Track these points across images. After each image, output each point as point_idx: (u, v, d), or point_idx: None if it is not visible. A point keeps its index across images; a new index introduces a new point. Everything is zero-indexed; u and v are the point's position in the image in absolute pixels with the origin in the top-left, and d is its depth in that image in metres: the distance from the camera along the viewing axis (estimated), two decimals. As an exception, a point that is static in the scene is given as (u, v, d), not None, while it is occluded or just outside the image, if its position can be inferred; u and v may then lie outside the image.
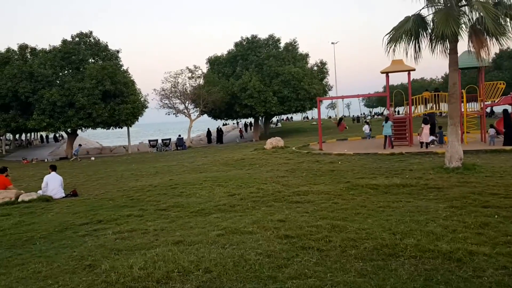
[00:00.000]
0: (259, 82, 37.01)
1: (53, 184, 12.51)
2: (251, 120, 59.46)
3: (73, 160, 29.64)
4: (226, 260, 5.25)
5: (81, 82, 30.99)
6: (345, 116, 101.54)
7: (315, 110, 45.44)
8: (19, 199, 11.57)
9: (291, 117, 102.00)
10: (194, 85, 38.04)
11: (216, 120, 45.98)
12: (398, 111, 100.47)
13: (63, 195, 12.51)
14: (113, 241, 6.77)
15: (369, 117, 76.35)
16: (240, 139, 46.11)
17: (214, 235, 6.59)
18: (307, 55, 42.54)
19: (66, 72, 32.72)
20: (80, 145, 35.46)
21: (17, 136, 61.66)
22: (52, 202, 11.60)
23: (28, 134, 68.30)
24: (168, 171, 18.16)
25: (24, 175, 21.92)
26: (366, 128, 23.32)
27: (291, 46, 41.54)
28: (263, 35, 42.45)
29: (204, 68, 42.33)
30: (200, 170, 17.48)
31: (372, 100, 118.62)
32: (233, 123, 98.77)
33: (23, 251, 6.59)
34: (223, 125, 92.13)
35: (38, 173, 22.39)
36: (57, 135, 71.37)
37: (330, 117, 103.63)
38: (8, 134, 52.75)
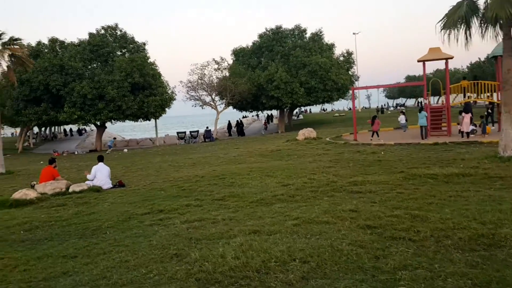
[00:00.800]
0: (286, 73, 36.66)
1: (101, 175, 12.52)
2: (271, 112, 59.21)
3: (108, 153, 29.86)
4: (318, 250, 5.07)
5: (110, 75, 31.14)
6: (365, 108, 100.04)
7: (336, 102, 45.34)
8: (70, 190, 11.59)
9: (310, 110, 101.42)
10: (220, 77, 37.90)
11: (241, 112, 45.83)
12: (420, 102, 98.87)
13: (111, 185, 12.50)
14: (185, 230, 6.65)
15: (403, 107, 74.90)
16: (265, 131, 45.94)
17: (290, 224, 6.42)
18: (332, 45, 41.96)
19: (95, 64, 32.92)
20: (114, 138, 35.75)
21: (42, 130, 62.64)
22: (102, 192, 11.61)
23: (53, 128, 69.37)
24: (205, 162, 18.07)
25: (61, 167, 22.04)
26: (402, 119, 22.81)
27: (317, 36, 41.00)
28: (288, 25, 41.66)
29: (229, 59, 42.10)
30: (238, 161, 17.35)
31: (393, 91, 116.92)
32: (252, 116, 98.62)
33: (98, 240, 6.52)
34: (243, 117, 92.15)
35: (74, 165, 22.62)
36: (81, 128, 72.40)
37: (350, 109, 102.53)
38: (34, 128, 53.63)
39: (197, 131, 35.86)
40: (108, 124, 35.62)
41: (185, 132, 35.71)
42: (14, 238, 7.03)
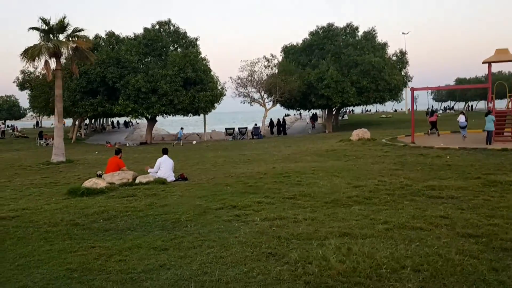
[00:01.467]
0: (337, 71, 36.03)
1: (165, 167, 12.60)
2: (316, 111, 58.48)
3: (175, 145, 30.34)
4: (427, 258, 4.75)
5: (163, 69, 31.62)
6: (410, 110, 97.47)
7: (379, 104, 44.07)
8: (137, 181, 11.71)
9: (352, 110, 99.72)
10: (269, 74, 37.74)
11: (289, 110, 45.55)
12: (470, 106, 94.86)
13: (174, 178, 12.55)
14: (269, 228, 6.47)
15: (465, 108, 72.51)
16: (312, 130, 45.46)
17: (382, 229, 6.11)
18: (385, 44, 40.86)
19: (149, 59, 33.55)
20: (182, 128, 36.33)
21: (92, 121, 64.62)
22: (167, 185, 11.66)
23: (102, 120, 71.48)
24: (260, 159, 17.94)
25: (97, 158, 22.53)
26: (461, 118, 21.75)
27: (370, 35, 40.05)
28: (339, 23, 40.88)
29: (279, 57, 41.85)
30: (295, 160, 17.11)
31: (441, 94, 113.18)
32: (295, 114, 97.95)
33: (181, 233, 6.45)
34: (285, 115, 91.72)
35: (129, 156, 23.04)
36: (127, 121, 74.30)
37: (395, 110, 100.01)
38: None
39: (246, 128, 35.87)
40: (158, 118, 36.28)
41: (233, 129, 35.80)
42: (97, 227, 7.08)
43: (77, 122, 50.26)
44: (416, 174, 11.61)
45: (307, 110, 49.11)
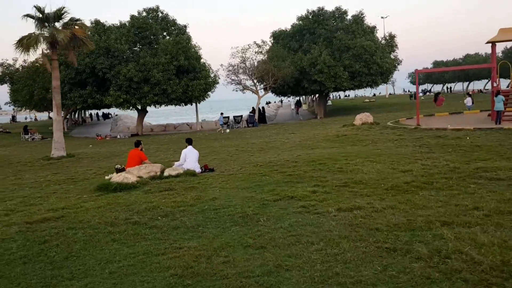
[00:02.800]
0: (329, 56, 35.70)
1: (191, 158, 12.03)
2: (299, 98, 58.24)
3: (219, 131, 29.34)
4: None
5: (155, 58, 30.61)
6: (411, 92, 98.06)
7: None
8: (166, 173, 11.13)
9: (336, 96, 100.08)
10: (261, 60, 37.12)
11: (279, 96, 45.09)
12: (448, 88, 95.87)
13: (200, 170, 12.00)
14: (354, 219, 6.09)
15: (471, 89, 73.54)
16: (297, 116, 45.30)
17: (481, 215, 5.79)
18: (374, 28, 40.70)
19: (139, 47, 32.42)
20: (222, 113, 35.30)
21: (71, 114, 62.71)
22: (198, 176, 11.12)
23: (82, 112, 69.50)
24: (273, 147, 17.50)
25: (120, 150, 21.75)
26: (468, 101, 21.80)
27: (359, 19, 39.76)
28: (328, 7, 40.45)
29: (269, 43, 41.17)
30: (310, 146, 16.75)
31: (419, 77, 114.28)
32: (275, 102, 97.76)
33: (263, 228, 5.98)
34: (267, 103, 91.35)
35: (129, 148, 22.15)
36: (105, 112, 72.47)
37: (374, 94, 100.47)
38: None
39: (241, 116, 35.26)
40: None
41: (228, 117, 35.14)
42: (162, 225, 6.54)
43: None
44: (452, 156, 11.39)
45: (298, 97, 48.80)
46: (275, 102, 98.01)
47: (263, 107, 44.28)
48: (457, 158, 11.08)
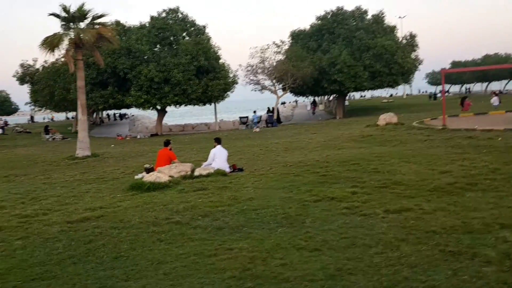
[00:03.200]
0: (349, 56, 35.37)
1: (220, 158, 11.92)
2: (314, 98, 57.83)
3: (254, 131, 29.15)
4: None
5: (175, 58, 30.65)
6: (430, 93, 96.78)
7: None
8: (196, 173, 11.03)
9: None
10: (279, 60, 36.95)
11: (297, 96, 44.83)
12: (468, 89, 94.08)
13: (229, 169, 11.88)
14: (405, 221, 5.90)
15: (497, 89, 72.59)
16: (313, 115, 45.00)
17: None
18: (394, 28, 40.22)
19: (159, 47, 32.48)
20: (254, 111, 35.06)
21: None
22: (229, 176, 11.00)
23: (101, 113, 70.11)
24: (298, 147, 17.33)
25: (142, 150, 21.79)
26: (495, 100, 21.34)
27: (379, 18, 39.32)
28: (348, 7, 40.07)
29: (287, 42, 40.95)
30: (337, 146, 16.52)
31: (437, 78, 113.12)
32: (290, 102, 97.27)
33: (311, 230, 5.83)
34: (282, 103, 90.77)
35: (154, 149, 22.23)
36: (122, 113, 72.98)
37: (391, 95, 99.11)
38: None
39: (260, 116, 35.11)
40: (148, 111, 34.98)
41: (247, 117, 35.01)
42: (204, 225, 6.42)
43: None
44: (489, 157, 11.07)
45: (314, 97, 48.48)
46: (290, 102, 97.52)
47: (272, 108, 43.74)
48: (494, 159, 10.76)
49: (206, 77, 31.76)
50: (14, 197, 9.79)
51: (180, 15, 34.66)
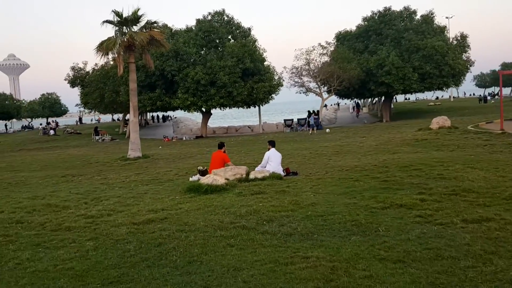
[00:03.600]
0: (398, 57, 34.43)
1: (275, 161, 11.76)
2: (358, 100, 56.70)
3: (311, 133, 29.05)
4: None
5: (221, 60, 30.86)
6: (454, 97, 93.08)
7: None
8: (251, 176, 10.92)
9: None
10: (325, 62, 36.49)
11: (342, 99, 44.11)
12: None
13: (283, 173, 11.70)
14: (491, 232, 5.52)
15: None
16: (359, 118, 44.10)
17: None
18: (444, 28, 38.86)
19: (205, 50, 32.80)
20: (313, 111, 34.71)
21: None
22: (285, 180, 10.82)
23: (145, 114, 71.73)
24: (350, 151, 16.92)
25: (191, 152, 22.00)
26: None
27: (429, 19, 38.10)
28: (396, 7, 39.04)
29: (332, 44, 40.41)
30: (391, 151, 16.00)
31: (485, 80, 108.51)
32: (332, 105, 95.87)
33: (387, 239, 5.54)
34: (324, 106, 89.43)
35: (202, 150, 22.41)
36: (165, 115, 74.41)
37: (437, 97, 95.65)
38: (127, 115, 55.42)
39: (305, 119, 34.78)
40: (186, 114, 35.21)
41: (292, 120, 34.77)
42: (272, 231, 6.26)
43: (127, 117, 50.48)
44: None
45: (357, 99, 47.53)
46: (331, 105, 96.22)
47: (317, 111, 42.65)
48: None
49: (251, 79, 31.78)
50: (76, 197, 10.00)
51: (226, 18, 34.92)
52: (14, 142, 40.31)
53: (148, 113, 71.41)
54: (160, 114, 73.37)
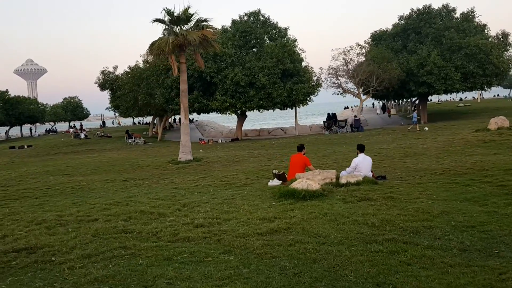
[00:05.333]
0: (439, 56, 33.31)
1: (365, 168, 10.92)
2: (383, 101, 55.30)
3: (411, 129, 28.15)
4: None
5: (260, 61, 30.16)
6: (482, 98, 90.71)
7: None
8: (343, 181, 10.13)
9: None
10: (362, 62, 35.54)
11: (377, 100, 43.05)
12: None
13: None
14: None
15: None
16: (404, 122, 42.94)
17: None
18: (485, 26, 37.55)
19: (243, 51, 32.10)
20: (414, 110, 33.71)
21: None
22: (381, 185, 10.01)
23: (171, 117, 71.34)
24: (417, 153, 16.09)
25: (238, 154, 21.27)
26: None
27: (469, 16, 36.87)
28: (434, 5, 37.88)
29: (367, 44, 39.42)
30: (461, 152, 15.27)
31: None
32: (355, 106, 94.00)
33: None
34: (345, 108, 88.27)
35: (249, 153, 21.68)
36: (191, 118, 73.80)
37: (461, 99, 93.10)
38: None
39: (345, 120, 33.85)
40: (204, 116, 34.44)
41: (332, 121, 33.85)
42: (437, 244, 5.45)
43: (156, 120, 50.09)
44: None
45: (398, 100, 46.13)
46: (355, 106, 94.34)
47: (333, 113, 40.67)
48: None
49: (290, 80, 31.00)
50: (163, 203, 9.33)
51: (262, 18, 34.22)
52: (47, 146, 40.13)
53: (172, 116, 71.18)
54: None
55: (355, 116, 34.00)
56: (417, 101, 43.36)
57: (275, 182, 11.29)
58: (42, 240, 6.61)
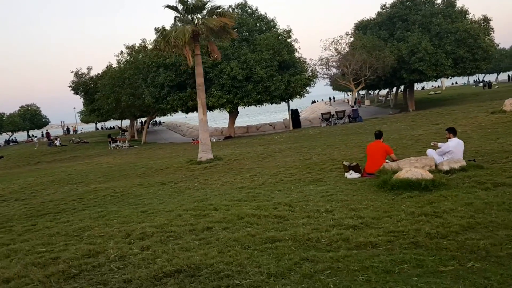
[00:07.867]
0: (429, 43, 33.29)
1: (457, 152, 9.97)
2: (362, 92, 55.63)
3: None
4: None
5: (254, 53, 28.89)
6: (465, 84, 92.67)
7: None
8: (445, 167, 9.14)
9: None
10: (353, 52, 35.01)
11: (369, 90, 42.66)
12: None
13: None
14: None
15: None
16: (393, 111, 43.03)
17: None
18: (466, 11, 37.96)
19: (236, 44, 30.70)
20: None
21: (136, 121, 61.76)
22: (485, 169, 9.08)
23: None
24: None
25: (259, 151, 19.95)
26: None
27: (451, 2, 37.15)
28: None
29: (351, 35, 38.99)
30: (493, 139, 14.49)
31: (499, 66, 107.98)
32: (322, 99, 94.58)
33: None
34: (312, 102, 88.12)
35: (266, 149, 20.41)
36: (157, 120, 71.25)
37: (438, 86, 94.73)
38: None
39: (343, 111, 33.14)
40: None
41: (329, 113, 33.11)
42: None
43: (135, 122, 47.72)
44: None
45: (387, 89, 46.17)
46: (321, 100, 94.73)
47: (296, 109, 38.65)
48: None
49: (287, 72, 29.94)
50: (261, 205, 7.97)
51: (249, 10, 32.97)
52: (21, 156, 37.15)
53: (138, 119, 68.55)
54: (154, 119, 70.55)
55: (353, 107, 33.41)
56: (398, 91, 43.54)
57: (354, 175, 10.18)
58: (183, 258, 5.15)
